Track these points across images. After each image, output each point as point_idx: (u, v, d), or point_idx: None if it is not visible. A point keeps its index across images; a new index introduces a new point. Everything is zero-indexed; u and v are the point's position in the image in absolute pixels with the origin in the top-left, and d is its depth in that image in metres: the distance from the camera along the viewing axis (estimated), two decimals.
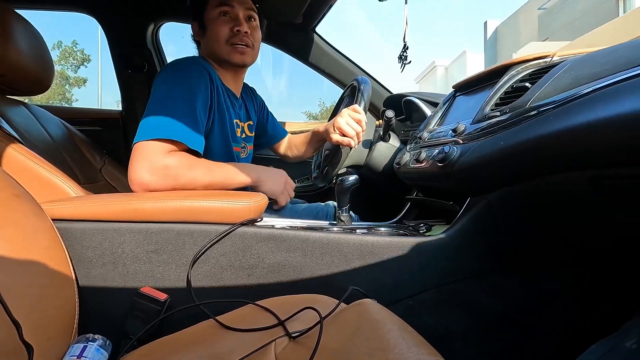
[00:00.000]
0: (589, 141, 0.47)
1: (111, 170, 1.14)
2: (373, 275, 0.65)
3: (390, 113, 1.08)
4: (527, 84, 0.69)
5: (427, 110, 1.22)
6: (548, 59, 0.75)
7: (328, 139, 0.95)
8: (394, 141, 1.19)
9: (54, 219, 0.58)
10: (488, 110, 0.74)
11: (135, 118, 1.53)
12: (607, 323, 0.60)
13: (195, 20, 0.92)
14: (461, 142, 0.73)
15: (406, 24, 0.99)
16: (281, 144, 1.22)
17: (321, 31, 1.53)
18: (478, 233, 0.68)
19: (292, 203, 1.13)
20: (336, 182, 0.80)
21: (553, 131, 0.51)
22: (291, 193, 0.88)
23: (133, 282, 0.59)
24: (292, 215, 1.01)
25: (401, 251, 0.65)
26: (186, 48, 0.99)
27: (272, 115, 1.20)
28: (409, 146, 1.04)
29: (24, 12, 0.88)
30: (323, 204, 1.12)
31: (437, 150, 0.78)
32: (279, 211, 0.89)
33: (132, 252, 0.59)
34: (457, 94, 1.03)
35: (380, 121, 1.22)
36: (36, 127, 0.95)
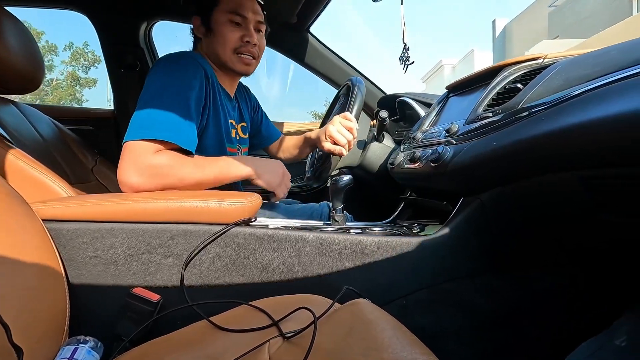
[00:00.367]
0: (580, 142, 0.47)
1: (103, 170, 1.13)
2: (367, 275, 0.65)
3: (384, 113, 1.08)
4: (519, 85, 0.70)
5: (421, 110, 1.23)
6: (539, 61, 0.76)
7: (320, 147, 0.95)
8: (388, 141, 1.19)
9: (45, 220, 0.57)
10: (481, 111, 0.75)
11: (127, 117, 1.50)
12: (602, 323, 0.61)
13: (199, 15, 0.88)
14: (454, 143, 0.74)
15: (404, 25, 1.00)
16: (275, 146, 1.21)
17: (321, 34, 1.53)
18: (471, 233, 0.69)
19: (287, 203, 1.13)
20: (330, 183, 0.80)
21: (544, 132, 0.52)
22: (288, 184, 0.85)
23: (125, 283, 0.58)
24: (287, 215, 1.01)
25: (395, 251, 0.66)
26: (181, 48, 0.98)
27: (267, 116, 1.19)
28: (403, 146, 1.04)
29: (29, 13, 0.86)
30: (317, 204, 1.12)
31: (431, 150, 0.79)
32: (276, 206, 0.88)
33: (125, 253, 0.59)
34: (451, 95, 1.04)
35: (374, 121, 1.23)
36: (26, 127, 0.94)
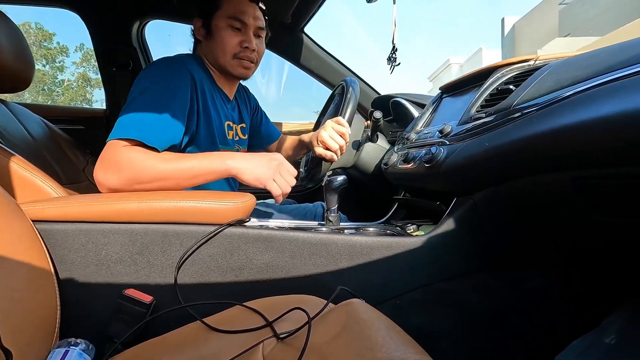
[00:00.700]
0: (571, 143, 0.48)
1: (94, 168, 1.11)
2: (361, 275, 0.65)
3: (378, 114, 1.09)
4: (512, 87, 0.70)
5: (415, 111, 1.23)
6: (531, 62, 0.77)
7: (312, 151, 0.96)
8: (382, 142, 1.20)
9: (35, 220, 0.56)
10: (474, 111, 0.75)
11: None
12: (598, 324, 0.62)
13: (200, 17, 0.88)
14: (448, 143, 0.75)
15: (394, 26, 1.00)
16: (274, 146, 1.22)
17: (318, 35, 1.53)
18: (464, 233, 0.69)
19: (281, 203, 1.12)
20: (324, 183, 0.80)
21: (536, 133, 0.52)
22: (289, 179, 0.73)
23: (117, 285, 0.58)
24: (281, 215, 1.01)
25: (389, 251, 0.66)
26: (175, 47, 0.98)
27: (266, 116, 1.19)
28: (397, 147, 1.05)
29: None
30: (312, 205, 1.12)
31: (424, 151, 0.79)
32: (270, 206, 0.86)
33: (117, 254, 0.58)
34: (444, 96, 1.04)
35: (368, 122, 1.23)
36: (16, 126, 0.92)
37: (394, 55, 1.02)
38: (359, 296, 0.53)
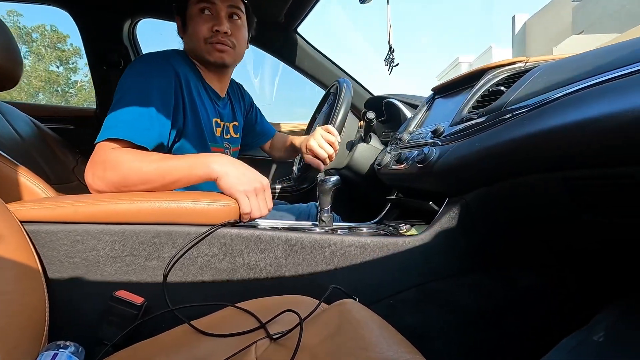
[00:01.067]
0: (560, 144, 0.49)
1: (85, 169, 1.10)
2: (354, 275, 0.65)
3: (371, 114, 1.09)
4: (503, 88, 0.71)
5: (407, 112, 1.24)
6: (522, 64, 0.78)
7: (302, 156, 0.97)
8: (375, 142, 1.20)
9: (23, 221, 0.55)
10: (466, 112, 0.76)
11: None
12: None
13: (178, 15, 0.89)
14: (440, 144, 0.75)
15: (390, 27, 1.01)
16: (269, 144, 1.23)
17: (320, 38, 1.53)
18: (457, 233, 0.69)
19: (275, 204, 1.12)
20: (318, 183, 0.80)
21: (526, 134, 0.53)
22: (262, 206, 0.66)
23: (108, 286, 0.57)
24: (274, 216, 1.01)
25: (382, 251, 0.66)
26: (168, 46, 0.96)
27: (261, 113, 1.19)
28: (390, 147, 1.05)
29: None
30: (305, 205, 1.12)
31: (417, 151, 0.80)
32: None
33: (107, 255, 0.57)
34: (436, 97, 1.05)
35: (362, 122, 1.24)
36: (3, 125, 0.90)
37: (392, 56, 1.03)
38: (352, 296, 0.53)
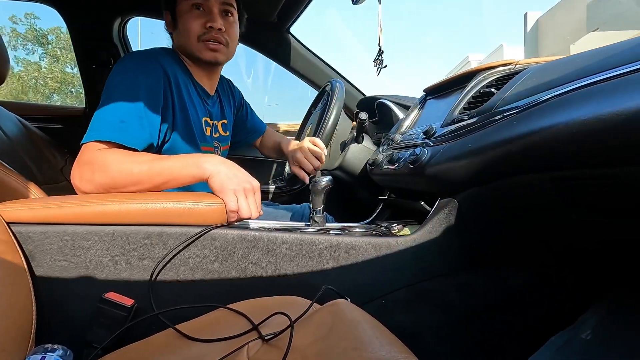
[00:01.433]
0: (549, 145, 0.49)
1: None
2: (347, 275, 0.65)
3: (363, 115, 1.09)
4: (493, 90, 0.72)
5: (400, 112, 1.25)
6: (512, 66, 0.79)
7: (289, 167, 0.98)
8: (367, 143, 1.21)
9: (10, 222, 0.54)
10: (457, 113, 0.77)
11: None
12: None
13: (167, 9, 0.86)
14: (431, 145, 0.76)
15: (380, 27, 1.01)
16: (259, 141, 1.21)
17: (321, 40, 1.53)
18: (448, 233, 0.70)
19: (267, 205, 1.12)
20: (310, 184, 0.80)
21: (516, 134, 0.54)
22: (252, 207, 0.64)
23: (97, 288, 0.56)
24: (267, 216, 1.01)
25: (374, 251, 0.66)
26: (159, 45, 0.95)
27: (252, 109, 1.17)
28: (382, 148, 1.06)
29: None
30: (298, 206, 1.12)
31: (409, 152, 0.80)
32: (263, 205, 0.82)
33: (97, 257, 0.57)
34: (428, 98, 1.06)
35: (354, 123, 1.24)
36: None
37: (380, 57, 1.03)
38: (345, 296, 0.53)
